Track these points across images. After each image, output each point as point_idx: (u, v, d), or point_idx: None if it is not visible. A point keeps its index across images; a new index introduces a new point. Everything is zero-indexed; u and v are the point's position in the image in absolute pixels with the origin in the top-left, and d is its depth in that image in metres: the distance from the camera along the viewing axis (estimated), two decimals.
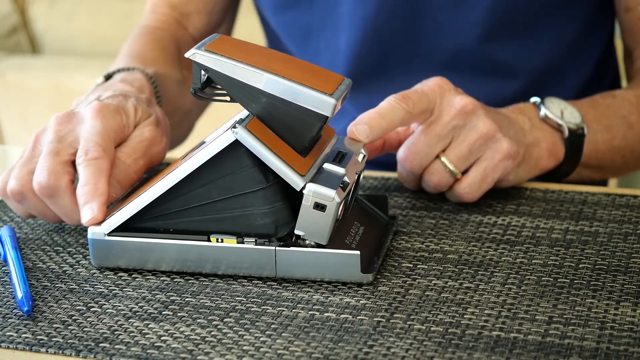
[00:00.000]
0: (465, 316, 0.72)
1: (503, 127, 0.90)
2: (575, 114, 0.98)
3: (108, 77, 1.00)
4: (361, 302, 0.75)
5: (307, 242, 0.77)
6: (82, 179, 0.82)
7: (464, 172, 0.89)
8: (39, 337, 0.72)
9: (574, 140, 0.97)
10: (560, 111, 0.97)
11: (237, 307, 0.75)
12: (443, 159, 0.88)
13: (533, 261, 0.81)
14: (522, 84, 1.13)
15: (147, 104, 0.92)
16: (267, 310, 0.74)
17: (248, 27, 2.04)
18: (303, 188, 0.76)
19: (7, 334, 0.72)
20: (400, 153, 0.90)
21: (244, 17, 1.30)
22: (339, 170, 0.79)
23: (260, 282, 0.79)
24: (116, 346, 0.70)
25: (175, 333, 0.72)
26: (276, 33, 1.20)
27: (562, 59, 1.14)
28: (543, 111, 0.96)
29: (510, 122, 0.93)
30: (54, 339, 0.71)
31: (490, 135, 0.88)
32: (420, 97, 0.88)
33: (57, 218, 0.86)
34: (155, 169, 0.94)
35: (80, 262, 0.83)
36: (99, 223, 0.80)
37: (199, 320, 0.73)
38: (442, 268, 0.80)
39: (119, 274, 0.81)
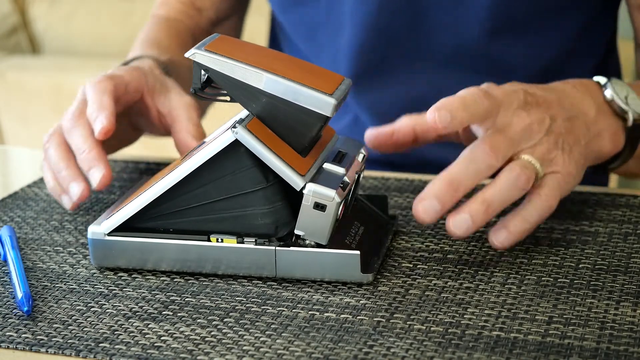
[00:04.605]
0: (465, 316, 0.72)
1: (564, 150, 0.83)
2: (638, 101, 0.91)
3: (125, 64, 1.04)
4: (361, 302, 0.75)
5: (307, 242, 0.77)
6: (88, 100, 0.90)
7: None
8: (39, 337, 0.72)
9: (636, 129, 0.90)
10: (625, 96, 0.90)
11: (237, 307, 0.75)
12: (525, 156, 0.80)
13: (533, 261, 0.81)
14: (525, 82, 1.12)
15: (159, 75, 0.99)
16: (267, 310, 0.74)
17: (249, 27, 2.05)
18: (303, 188, 0.76)
19: (7, 334, 0.72)
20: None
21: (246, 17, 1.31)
22: (339, 170, 0.79)
23: (260, 282, 0.79)
24: (116, 346, 0.70)
25: (175, 333, 0.72)
26: (286, 30, 1.21)
27: (565, 58, 1.14)
28: (610, 93, 0.89)
29: (573, 129, 0.84)
30: (54, 339, 0.71)
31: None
32: (494, 100, 0.81)
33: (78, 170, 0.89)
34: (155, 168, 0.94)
35: (80, 262, 0.83)
36: (108, 133, 0.87)
37: (199, 320, 0.73)
38: (442, 268, 0.80)
39: (119, 274, 0.81)
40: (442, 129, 0.78)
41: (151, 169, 1.03)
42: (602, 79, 0.91)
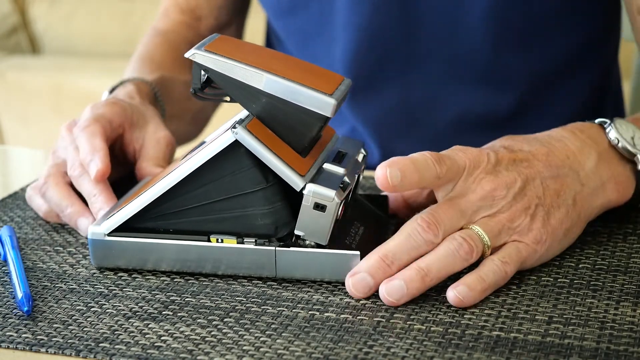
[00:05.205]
0: (465, 316, 0.73)
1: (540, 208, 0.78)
2: None
3: (112, 90, 1.05)
4: (361, 302, 0.75)
5: (307, 242, 0.77)
6: (80, 147, 0.89)
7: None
8: (39, 337, 0.72)
9: None
10: (631, 137, 0.83)
11: (237, 307, 0.75)
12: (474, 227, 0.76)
13: None
14: (521, 93, 1.11)
15: (139, 105, 0.98)
16: (267, 310, 0.74)
17: (249, 27, 2.05)
18: (303, 188, 0.76)
19: (7, 334, 0.72)
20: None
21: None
22: (339, 170, 0.79)
23: (260, 282, 0.79)
24: (116, 346, 0.70)
25: (175, 333, 0.72)
26: (280, 37, 1.20)
27: (567, 70, 1.11)
28: (613, 135, 0.83)
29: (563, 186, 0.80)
30: (54, 339, 0.71)
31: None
32: (452, 165, 0.76)
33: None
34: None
35: (81, 262, 0.83)
36: (106, 172, 0.87)
37: (199, 320, 0.73)
38: None
39: (119, 274, 0.81)
40: (391, 187, 0.74)
41: None
42: (604, 121, 0.84)
